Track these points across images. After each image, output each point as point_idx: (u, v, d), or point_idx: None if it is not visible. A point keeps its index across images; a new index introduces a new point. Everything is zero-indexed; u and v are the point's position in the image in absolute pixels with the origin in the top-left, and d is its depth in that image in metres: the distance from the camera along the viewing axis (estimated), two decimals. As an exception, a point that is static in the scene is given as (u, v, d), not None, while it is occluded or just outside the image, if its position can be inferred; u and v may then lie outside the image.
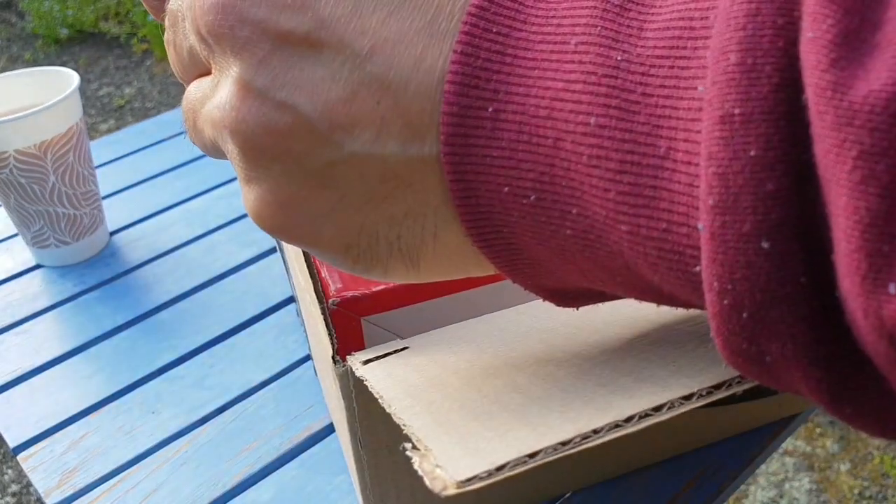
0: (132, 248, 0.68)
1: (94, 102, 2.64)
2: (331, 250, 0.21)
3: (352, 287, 0.32)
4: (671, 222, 0.16)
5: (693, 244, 0.16)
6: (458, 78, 0.17)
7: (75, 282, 0.64)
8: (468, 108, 0.17)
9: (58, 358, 0.57)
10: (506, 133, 0.17)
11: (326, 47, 0.18)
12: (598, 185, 0.17)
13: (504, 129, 0.17)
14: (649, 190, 0.16)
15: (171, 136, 0.84)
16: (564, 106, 0.17)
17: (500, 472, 0.18)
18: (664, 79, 0.16)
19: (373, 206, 0.20)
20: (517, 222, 0.18)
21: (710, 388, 0.20)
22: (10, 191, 0.61)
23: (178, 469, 0.48)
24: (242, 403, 0.52)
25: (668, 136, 0.16)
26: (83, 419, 0.52)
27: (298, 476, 0.46)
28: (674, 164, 0.16)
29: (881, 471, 1.37)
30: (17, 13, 3.34)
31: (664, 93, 0.16)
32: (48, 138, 0.59)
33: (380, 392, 0.24)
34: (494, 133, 0.17)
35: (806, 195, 0.14)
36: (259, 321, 0.58)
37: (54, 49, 3.03)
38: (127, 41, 3.00)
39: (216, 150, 0.22)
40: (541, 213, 0.18)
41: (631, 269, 0.18)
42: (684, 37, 0.16)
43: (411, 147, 0.18)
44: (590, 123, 0.16)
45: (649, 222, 0.16)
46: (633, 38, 0.16)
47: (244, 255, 0.65)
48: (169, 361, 0.56)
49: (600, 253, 0.18)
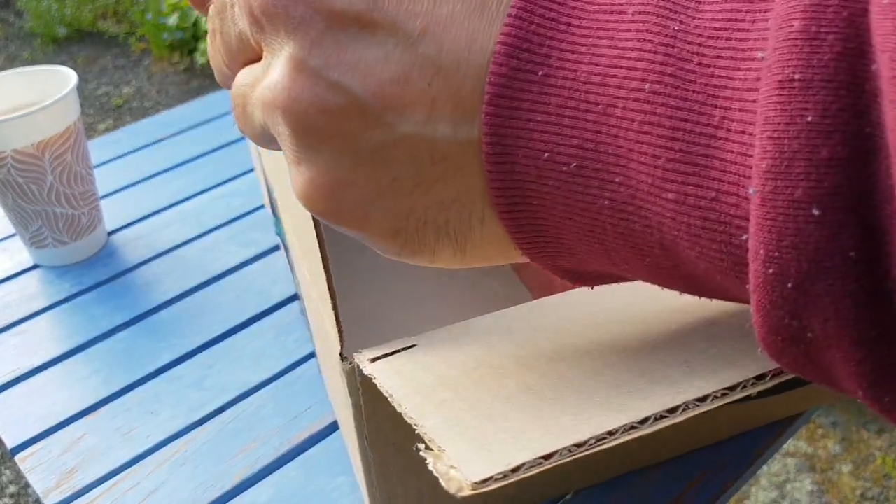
0: (130, 247, 0.67)
1: (93, 102, 2.63)
2: (379, 235, 0.21)
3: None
4: (720, 191, 0.16)
5: (741, 214, 0.15)
6: (510, 40, 0.17)
7: (73, 282, 0.64)
8: (517, 71, 0.17)
9: (56, 358, 0.57)
10: (553, 98, 0.17)
11: (379, 28, 0.18)
12: (647, 152, 0.16)
13: (552, 93, 0.17)
14: (701, 158, 0.16)
15: (169, 135, 0.84)
16: (618, 73, 0.17)
17: (516, 474, 0.18)
18: (721, 49, 0.16)
19: (423, 189, 0.19)
20: (551, 193, 0.18)
21: (725, 390, 0.20)
22: (8, 190, 0.60)
23: (177, 470, 0.47)
24: (241, 404, 0.52)
25: (723, 105, 0.15)
26: (81, 420, 0.52)
27: (298, 476, 0.46)
28: (727, 133, 0.15)
29: (883, 472, 1.36)
30: (15, 12, 3.34)
31: (721, 63, 0.16)
32: (46, 138, 0.59)
33: (389, 391, 0.24)
34: (541, 97, 0.17)
35: (866, 167, 0.14)
36: (258, 321, 0.58)
37: (52, 48, 3.03)
38: (125, 40, 2.99)
39: (265, 136, 0.21)
40: (579, 182, 0.18)
41: (665, 247, 0.17)
42: (743, 9, 0.16)
43: (462, 129, 0.18)
44: (643, 90, 0.16)
45: (698, 190, 0.16)
46: (691, 10, 0.16)
47: (243, 255, 0.65)
48: (168, 362, 0.55)
49: (636, 226, 0.17)
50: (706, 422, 0.43)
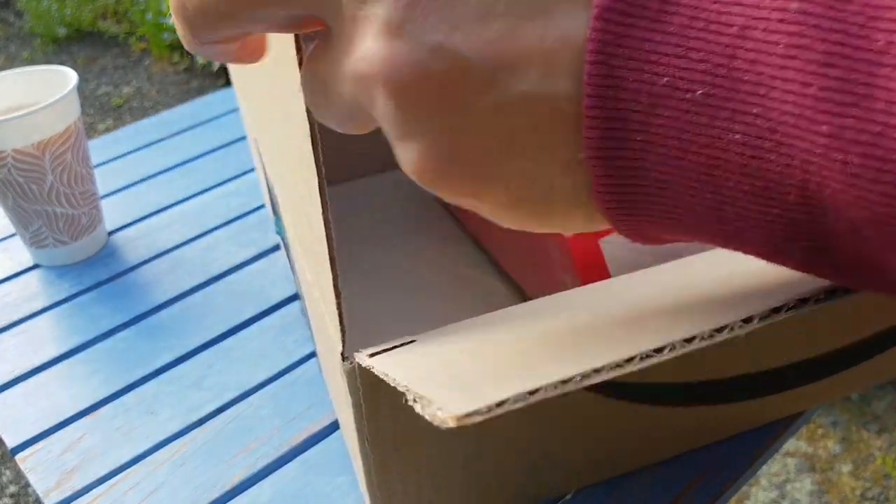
0: (130, 247, 0.67)
1: (93, 102, 2.63)
2: (501, 204, 0.19)
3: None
4: (888, 125, 0.14)
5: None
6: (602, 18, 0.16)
7: (73, 282, 0.64)
8: (605, 45, 0.16)
9: (56, 358, 0.57)
10: (676, 18, 0.15)
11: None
12: (795, 79, 0.14)
13: (675, 12, 0.15)
14: (862, 87, 0.14)
15: (169, 135, 0.84)
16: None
17: (501, 408, 0.17)
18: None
19: (547, 153, 0.18)
20: (664, 126, 0.16)
21: (713, 331, 0.20)
22: (8, 190, 0.60)
23: (177, 470, 0.47)
24: (241, 404, 0.52)
25: (887, 28, 0.14)
26: (81, 420, 0.52)
27: (298, 477, 0.46)
28: (894, 60, 0.13)
29: (883, 472, 1.36)
30: (15, 12, 3.34)
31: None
32: (46, 137, 0.59)
33: (385, 372, 0.24)
34: (661, 17, 0.15)
35: None
36: (258, 321, 0.58)
37: (52, 48, 3.03)
38: (125, 40, 3.00)
39: (353, 118, 0.20)
40: (704, 112, 0.16)
41: (807, 193, 0.15)
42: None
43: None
44: (789, 9, 0.14)
45: (859, 123, 0.14)
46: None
47: (243, 255, 0.65)
48: (167, 362, 0.55)
49: (772, 166, 0.15)
50: (702, 421, 0.43)
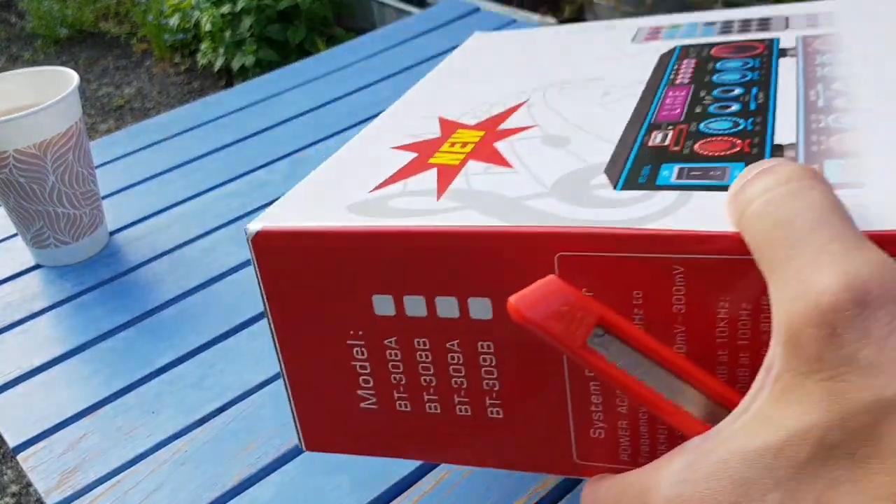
0: (132, 247, 0.68)
1: (94, 102, 2.64)
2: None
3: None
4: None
5: None
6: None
7: (75, 282, 0.64)
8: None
9: (57, 358, 0.57)
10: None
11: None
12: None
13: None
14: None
15: (170, 136, 0.84)
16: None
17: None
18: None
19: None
20: None
21: None
22: (10, 190, 0.60)
23: (178, 469, 0.48)
24: (242, 403, 0.52)
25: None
26: (82, 419, 0.52)
27: (298, 476, 0.46)
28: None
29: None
30: (16, 13, 3.34)
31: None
32: (48, 138, 0.59)
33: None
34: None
35: None
36: (259, 321, 0.58)
37: (54, 49, 3.03)
38: (127, 41, 3.00)
39: None
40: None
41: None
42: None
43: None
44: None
45: None
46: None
47: (244, 255, 0.65)
48: (168, 361, 0.56)
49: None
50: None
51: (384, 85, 0.89)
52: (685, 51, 0.42)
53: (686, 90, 0.37)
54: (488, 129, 0.37)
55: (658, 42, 0.45)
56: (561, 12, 2.37)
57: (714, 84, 0.37)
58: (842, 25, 0.40)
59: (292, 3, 2.37)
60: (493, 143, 0.35)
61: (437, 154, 0.35)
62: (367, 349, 0.32)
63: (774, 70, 0.37)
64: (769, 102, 0.33)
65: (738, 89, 0.36)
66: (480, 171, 0.32)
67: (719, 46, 0.42)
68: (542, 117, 0.37)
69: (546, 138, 0.34)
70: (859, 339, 0.19)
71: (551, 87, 0.41)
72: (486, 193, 0.30)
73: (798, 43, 0.40)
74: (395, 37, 1.00)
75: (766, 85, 0.35)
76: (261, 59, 2.36)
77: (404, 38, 0.99)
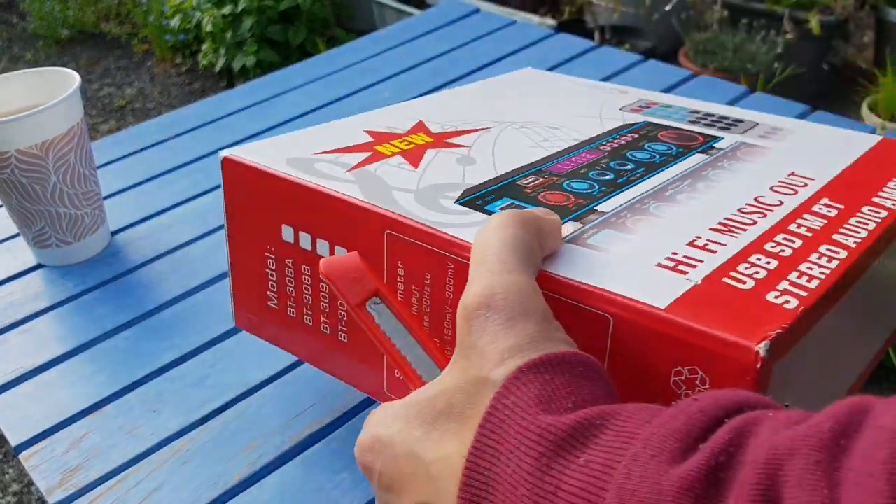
0: (133, 247, 0.68)
1: (95, 103, 2.64)
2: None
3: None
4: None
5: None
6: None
7: (76, 281, 0.64)
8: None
9: (59, 357, 0.57)
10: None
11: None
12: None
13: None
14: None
15: (171, 136, 0.85)
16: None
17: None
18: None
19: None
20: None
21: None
22: (12, 191, 0.61)
23: (180, 468, 0.48)
24: (243, 402, 0.52)
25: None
26: (84, 418, 0.52)
27: (299, 474, 0.46)
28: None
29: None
30: (18, 14, 3.35)
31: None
32: (49, 138, 0.59)
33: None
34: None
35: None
36: (260, 321, 0.58)
37: (55, 49, 3.03)
38: (128, 42, 3.00)
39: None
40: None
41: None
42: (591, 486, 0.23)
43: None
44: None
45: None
46: (552, 495, 0.23)
47: (245, 255, 0.65)
48: (170, 361, 0.56)
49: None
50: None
51: (384, 86, 0.90)
52: (645, 127, 0.48)
53: (597, 154, 0.44)
54: (439, 139, 0.46)
55: (639, 115, 0.51)
56: (560, 14, 2.37)
57: (624, 157, 0.43)
58: (784, 144, 0.46)
59: (293, 4, 2.37)
60: (429, 148, 0.44)
61: (386, 144, 0.44)
62: (275, 262, 0.42)
63: (681, 160, 0.43)
64: (639, 180, 0.40)
65: (630, 165, 0.42)
66: (395, 163, 0.42)
67: (669, 131, 0.47)
68: (480, 143, 0.45)
69: (461, 157, 0.43)
70: (481, 332, 0.27)
71: (515, 124, 0.48)
72: (378, 178, 0.40)
73: (730, 145, 0.45)
74: (396, 38, 1.00)
75: (656, 168, 0.42)
76: (262, 59, 2.36)
77: (404, 40, 1.00)
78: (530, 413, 0.25)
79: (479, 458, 0.25)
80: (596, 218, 0.36)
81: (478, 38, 0.98)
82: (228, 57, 2.45)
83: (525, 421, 0.25)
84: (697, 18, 2.26)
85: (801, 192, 0.39)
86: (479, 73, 0.90)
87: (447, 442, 0.27)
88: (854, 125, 0.75)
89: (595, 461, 0.23)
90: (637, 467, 0.22)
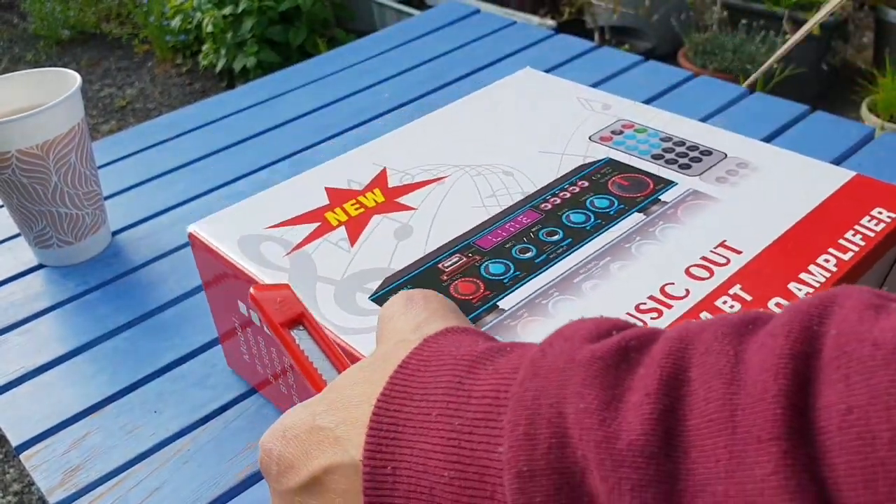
0: (134, 248, 0.68)
1: (96, 103, 2.64)
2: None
3: None
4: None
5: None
6: (370, 447, 0.25)
7: (77, 282, 0.64)
8: (375, 468, 0.25)
9: (60, 357, 0.57)
10: (401, 485, 0.24)
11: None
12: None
13: (400, 481, 0.24)
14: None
15: (172, 136, 0.85)
16: (430, 463, 0.24)
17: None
18: (482, 436, 0.23)
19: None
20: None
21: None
22: (13, 191, 0.61)
23: (180, 468, 0.48)
24: (244, 402, 0.52)
25: (491, 482, 0.23)
26: (85, 418, 0.52)
27: (300, 475, 0.47)
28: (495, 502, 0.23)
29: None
30: (18, 14, 3.35)
31: (483, 448, 0.23)
32: (50, 138, 0.59)
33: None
34: (395, 485, 0.25)
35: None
36: (260, 321, 0.59)
37: (56, 50, 3.03)
38: (128, 42, 3.00)
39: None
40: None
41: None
42: (493, 405, 0.23)
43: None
44: (444, 476, 0.24)
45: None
46: (464, 405, 0.24)
47: (246, 255, 0.65)
48: (171, 361, 0.56)
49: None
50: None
51: (384, 86, 0.90)
52: (604, 167, 0.48)
53: (534, 217, 0.45)
54: (391, 197, 0.48)
55: (608, 145, 0.51)
56: (560, 14, 2.37)
57: (558, 221, 0.44)
58: (738, 190, 0.45)
59: (293, 4, 2.37)
60: (375, 214, 0.47)
61: (338, 208, 0.48)
62: (240, 329, 0.48)
63: (617, 222, 0.44)
64: (558, 259, 0.42)
65: (559, 234, 0.43)
66: (335, 240, 0.45)
67: (623, 175, 0.48)
68: (428, 203, 0.47)
69: (400, 229, 0.45)
70: (395, 319, 0.30)
71: (471, 170, 0.50)
72: (310, 264, 0.44)
73: (677, 196, 0.45)
74: (396, 39, 1.00)
75: (584, 238, 0.43)
76: (262, 60, 2.36)
77: (404, 40, 1.00)
78: (445, 354, 0.26)
79: (389, 401, 0.26)
80: (492, 319, 0.39)
81: (477, 38, 0.98)
82: (229, 57, 2.45)
83: (440, 361, 0.26)
84: (697, 19, 2.26)
85: (717, 273, 0.40)
86: (479, 73, 0.90)
87: (353, 408, 0.27)
88: (854, 125, 0.75)
89: (505, 367, 0.24)
90: (550, 349, 0.24)
